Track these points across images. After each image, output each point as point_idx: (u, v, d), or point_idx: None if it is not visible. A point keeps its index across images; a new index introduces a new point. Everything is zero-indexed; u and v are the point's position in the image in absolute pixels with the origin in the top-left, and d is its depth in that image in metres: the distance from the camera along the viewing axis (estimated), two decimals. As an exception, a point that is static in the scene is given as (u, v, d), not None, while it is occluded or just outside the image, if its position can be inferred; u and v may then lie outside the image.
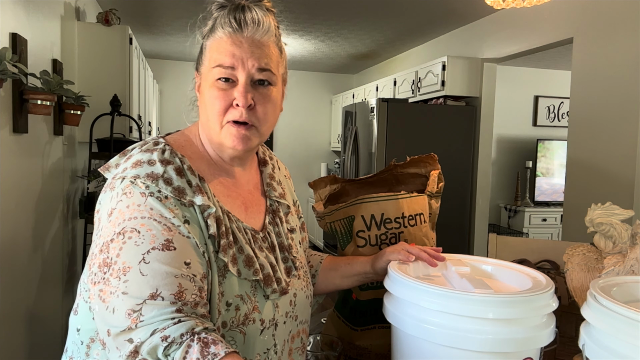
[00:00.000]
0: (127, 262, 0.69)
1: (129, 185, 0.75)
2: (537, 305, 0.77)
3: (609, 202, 1.03)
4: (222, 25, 0.82)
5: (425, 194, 1.21)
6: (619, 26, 2.70)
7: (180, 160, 0.80)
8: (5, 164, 1.91)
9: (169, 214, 0.74)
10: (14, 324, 2.04)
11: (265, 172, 0.97)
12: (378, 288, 1.14)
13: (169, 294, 0.68)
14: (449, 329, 0.75)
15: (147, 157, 0.78)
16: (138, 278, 0.68)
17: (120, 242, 0.71)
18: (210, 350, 0.64)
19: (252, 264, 0.81)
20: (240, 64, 0.81)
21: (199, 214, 0.78)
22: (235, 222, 0.83)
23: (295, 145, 6.79)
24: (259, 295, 0.81)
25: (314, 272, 1.07)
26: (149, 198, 0.74)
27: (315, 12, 3.93)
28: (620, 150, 2.68)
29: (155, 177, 0.76)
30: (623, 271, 0.96)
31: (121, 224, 0.72)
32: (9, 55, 1.70)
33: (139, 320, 0.66)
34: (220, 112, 0.81)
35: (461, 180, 3.95)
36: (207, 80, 0.83)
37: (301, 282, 0.93)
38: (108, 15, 3.04)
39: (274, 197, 0.95)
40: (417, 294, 0.80)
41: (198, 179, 0.80)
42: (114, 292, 0.69)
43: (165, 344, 0.65)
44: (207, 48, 0.85)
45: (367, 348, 1.13)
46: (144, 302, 0.67)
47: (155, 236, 0.71)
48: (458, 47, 4.27)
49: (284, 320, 0.86)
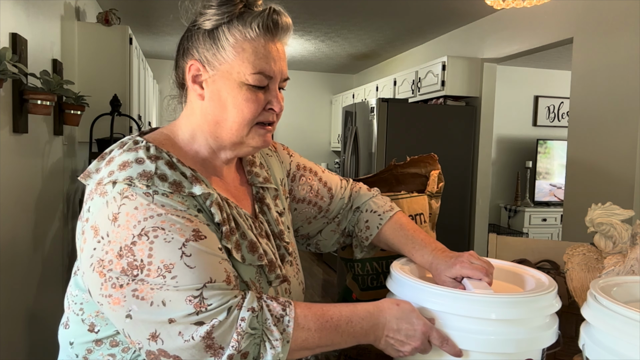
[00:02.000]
0: (166, 259, 0.69)
1: (126, 188, 0.72)
2: (540, 305, 0.77)
3: (609, 202, 1.03)
4: (258, 25, 0.79)
5: (425, 194, 1.21)
6: (619, 26, 2.70)
7: (168, 155, 0.78)
8: (5, 164, 1.91)
9: (181, 206, 0.73)
10: (14, 324, 2.04)
11: (245, 160, 0.95)
12: (378, 288, 1.14)
13: (222, 280, 0.71)
14: (451, 329, 0.75)
15: (133, 157, 0.75)
16: (187, 271, 0.69)
17: (146, 243, 0.69)
18: (281, 300, 0.74)
19: (256, 250, 0.81)
20: (278, 73, 0.82)
21: (203, 204, 0.77)
22: (235, 207, 0.83)
23: (295, 145, 6.79)
24: (263, 282, 0.82)
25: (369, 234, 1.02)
26: (155, 196, 0.72)
27: (315, 12, 3.93)
28: (620, 150, 2.68)
29: (149, 176, 0.73)
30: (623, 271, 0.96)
31: (137, 225, 0.69)
32: (9, 55, 1.70)
33: (206, 305, 0.68)
34: (255, 115, 0.81)
35: (461, 180, 3.95)
36: (234, 79, 0.79)
37: (293, 269, 0.93)
38: (108, 15, 3.04)
39: (258, 183, 0.93)
40: (418, 294, 0.80)
41: (191, 170, 0.78)
42: (160, 287, 0.68)
43: (256, 313, 0.70)
44: (230, 43, 0.78)
45: (367, 348, 1.13)
46: (204, 286, 0.69)
47: (182, 229, 0.71)
48: (458, 47, 4.27)
49: None
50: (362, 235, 1.04)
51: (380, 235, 1.02)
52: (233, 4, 0.79)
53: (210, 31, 0.80)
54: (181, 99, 0.87)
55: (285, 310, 0.72)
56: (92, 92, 2.81)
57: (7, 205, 1.94)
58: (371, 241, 1.04)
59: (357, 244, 1.06)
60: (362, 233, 1.04)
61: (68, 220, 2.90)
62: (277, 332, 0.70)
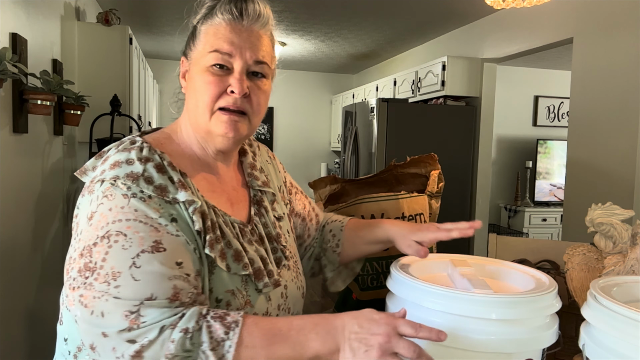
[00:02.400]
0: (116, 266, 0.67)
1: (109, 187, 0.72)
2: (540, 305, 0.77)
3: (609, 202, 1.03)
4: (222, 11, 0.81)
5: (425, 194, 1.21)
6: (619, 26, 2.70)
7: (160, 157, 0.78)
8: (5, 164, 1.91)
9: (154, 214, 0.72)
10: (14, 324, 2.04)
11: (246, 163, 0.95)
12: (378, 288, 1.14)
13: (165, 298, 0.68)
14: (451, 329, 0.75)
15: (125, 157, 0.75)
16: (131, 283, 0.67)
17: (105, 246, 0.68)
18: (228, 320, 0.67)
19: (241, 259, 0.80)
20: (238, 52, 0.80)
21: (184, 210, 0.75)
22: (222, 216, 0.82)
23: (295, 145, 6.79)
24: (250, 289, 0.80)
25: (337, 241, 1.04)
26: (132, 199, 0.72)
27: (315, 12, 3.93)
28: (620, 150, 2.68)
29: (135, 177, 0.73)
30: (623, 271, 0.96)
31: (104, 227, 0.70)
32: (9, 55, 1.70)
33: (141, 322, 0.66)
34: (213, 98, 0.80)
35: (461, 180, 3.95)
36: (199, 64, 0.81)
37: (291, 273, 0.91)
38: (108, 15, 3.04)
39: (256, 186, 0.92)
40: (419, 294, 0.80)
41: (180, 175, 0.78)
42: (101, 296, 0.67)
43: (189, 335, 0.66)
44: (201, 32, 0.83)
45: (367, 348, 1.13)
46: (141, 304, 0.66)
47: (143, 238, 0.69)
48: (458, 47, 4.27)
49: (277, 313, 0.85)
50: (331, 245, 1.05)
51: (345, 234, 1.04)
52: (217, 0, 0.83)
53: (194, 26, 0.85)
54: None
55: (228, 334, 0.66)
56: (92, 92, 2.81)
57: (7, 205, 1.94)
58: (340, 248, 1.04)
59: (327, 262, 1.06)
60: (330, 243, 1.05)
61: (68, 220, 2.90)
62: (214, 357, 0.65)
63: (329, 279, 1.07)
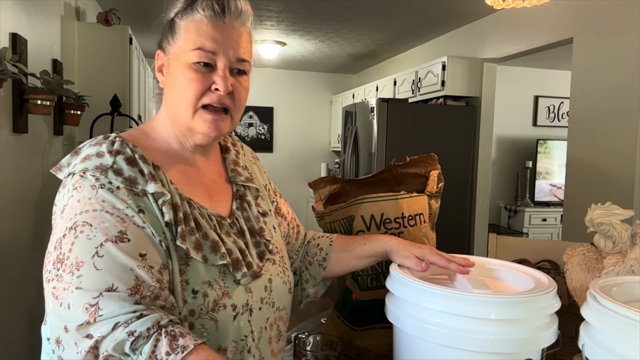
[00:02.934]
0: (79, 256, 0.68)
1: (78, 179, 0.74)
2: (540, 305, 0.77)
3: (609, 202, 1.03)
4: (203, 7, 0.80)
5: (425, 194, 1.20)
6: (619, 26, 2.70)
7: (132, 150, 0.78)
8: (5, 164, 1.91)
9: (121, 204, 0.72)
10: (14, 324, 2.04)
11: (229, 159, 0.96)
12: (378, 288, 1.14)
13: (125, 289, 0.67)
14: (451, 330, 0.75)
15: (95, 150, 0.76)
16: (92, 272, 0.67)
17: (72, 237, 0.69)
18: (179, 343, 0.64)
19: (218, 249, 0.79)
20: (221, 50, 0.80)
21: (153, 203, 0.75)
22: (198, 208, 0.81)
23: (295, 145, 6.79)
24: (228, 281, 0.80)
25: (324, 255, 1.04)
26: (100, 190, 0.72)
27: (315, 12, 3.93)
28: (620, 150, 2.68)
29: (104, 169, 0.74)
30: (623, 271, 0.96)
31: (72, 218, 0.71)
32: (9, 55, 1.70)
33: (98, 315, 0.65)
34: (197, 96, 0.80)
35: (461, 180, 3.95)
36: (180, 60, 0.81)
37: (277, 268, 0.90)
38: (108, 15, 3.04)
39: (239, 182, 0.93)
40: (419, 295, 0.80)
41: (152, 167, 0.78)
42: (67, 287, 0.67)
43: (132, 338, 0.64)
44: (181, 27, 0.82)
45: (367, 348, 1.13)
46: (101, 295, 0.66)
47: (108, 228, 0.70)
48: (458, 47, 4.27)
49: (259, 306, 0.84)
50: (317, 259, 1.05)
51: (334, 249, 1.04)
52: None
53: (171, 20, 0.83)
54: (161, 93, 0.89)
55: (169, 356, 0.63)
56: (92, 92, 2.81)
57: (7, 205, 1.94)
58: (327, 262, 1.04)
59: (309, 277, 1.06)
60: (316, 257, 1.05)
61: (68, 220, 2.90)
62: None
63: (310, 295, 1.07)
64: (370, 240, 1.01)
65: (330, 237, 1.08)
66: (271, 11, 3.89)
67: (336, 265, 1.04)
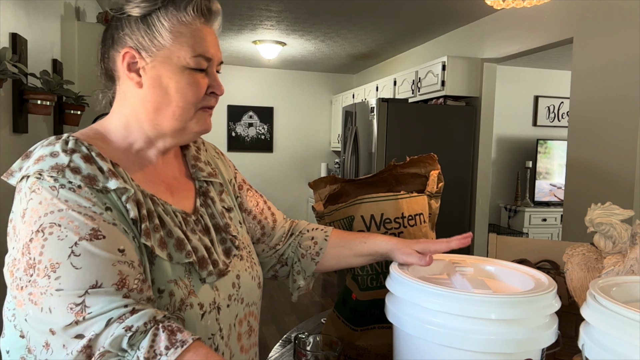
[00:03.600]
0: (53, 258, 0.65)
1: (35, 181, 0.70)
2: (540, 305, 0.77)
3: (609, 202, 1.03)
4: (194, 10, 0.79)
5: (425, 194, 1.21)
6: (619, 26, 2.70)
7: (88, 148, 0.74)
8: (5, 164, 1.91)
9: (87, 202, 0.69)
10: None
11: (189, 155, 0.94)
12: (378, 288, 1.14)
13: (110, 284, 0.65)
14: (451, 330, 0.75)
15: (49, 150, 0.72)
16: (72, 272, 0.64)
17: (41, 240, 0.66)
18: (177, 337, 0.64)
19: (184, 247, 0.78)
20: (215, 57, 0.83)
21: (118, 200, 0.73)
22: (162, 205, 0.80)
23: (295, 145, 6.79)
24: (194, 279, 0.78)
25: (318, 249, 1.02)
26: (61, 190, 0.69)
27: (315, 12, 3.93)
28: (620, 150, 2.68)
29: (60, 169, 0.70)
30: (623, 271, 0.96)
31: (37, 221, 0.67)
32: (9, 55, 1.70)
33: (86, 313, 0.63)
34: (199, 100, 0.81)
35: (461, 180, 3.95)
36: (173, 64, 0.78)
37: (245, 263, 0.89)
38: (108, 15, 3.04)
39: (202, 177, 0.91)
40: (419, 295, 0.80)
41: (110, 164, 0.75)
42: (45, 291, 0.64)
43: (129, 334, 0.63)
44: (166, 28, 0.78)
45: (367, 348, 1.13)
46: (86, 293, 0.64)
47: (79, 227, 0.67)
48: (458, 47, 4.27)
49: (227, 303, 0.83)
50: (310, 253, 1.03)
51: (329, 244, 1.03)
52: None
53: (143, 17, 0.79)
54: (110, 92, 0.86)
55: (168, 350, 0.62)
56: (92, 92, 2.81)
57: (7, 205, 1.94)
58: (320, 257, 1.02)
59: (301, 269, 1.04)
60: (309, 250, 1.03)
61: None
62: None
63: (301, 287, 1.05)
64: (370, 239, 1.00)
65: (325, 230, 1.06)
66: (271, 11, 3.89)
67: (332, 260, 1.03)
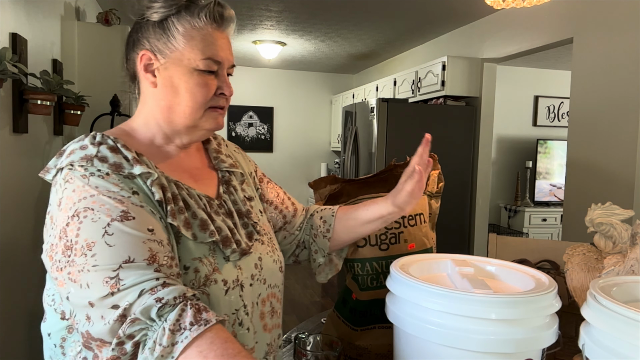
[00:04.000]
0: (89, 238, 0.70)
1: (67, 172, 0.77)
2: (540, 305, 0.77)
3: (609, 202, 1.03)
4: (206, 16, 0.84)
5: (425, 194, 1.21)
6: (619, 26, 2.70)
7: (113, 141, 0.81)
8: (5, 164, 1.91)
9: (115, 188, 0.75)
10: (14, 324, 2.04)
11: (211, 148, 0.99)
12: (378, 288, 1.14)
13: (142, 259, 0.70)
14: (451, 329, 0.75)
15: (78, 145, 0.80)
16: (106, 249, 0.69)
17: (76, 223, 0.72)
18: (202, 316, 0.67)
19: (207, 227, 0.83)
20: (226, 60, 0.87)
21: (143, 184, 0.79)
22: (186, 189, 0.85)
23: (295, 145, 6.79)
24: (218, 257, 0.83)
25: (328, 226, 1.06)
26: (91, 177, 0.76)
27: (315, 12, 3.93)
28: (620, 151, 2.68)
29: (89, 158, 0.77)
30: (623, 271, 0.96)
31: (72, 207, 0.73)
32: (9, 55, 1.70)
33: (120, 285, 0.68)
34: (208, 100, 0.86)
35: (461, 180, 3.95)
36: (184, 66, 0.84)
37: (266, 247, 0.94)
38: (108, 15, 3.04)
39: (224, 167, 0.97)
40: (419, 294, 0.80)
41: (135, 154, 0.81)
42: (82, 269, 0.69)
43: (159, 304, 0.66)
44: (179, 32, 0.84)
45: (367, 348, 1.13)
46: (120, 267, 0.68)
47: (110, 210, 0.72)
48: (458, 47, 4.27)
49: (250, 282, 0.87)
50: (321, 231, 1.07)
51: (337, 219, 1.06)
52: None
53: (160, 22, 0.85)
54: (134, 91, 0.93)
55: (192, 326, 0.65)
56: (92, 92, 2.81)
57: (7, 205, 1.94)
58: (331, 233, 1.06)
59: (317, 248, 1.08)
60: (320, 229, 1.08)
61: (68, 220, 2.90)
62: (167, 340, 0.65)
63: (321, 264, 1.09)
64: (371, 204, 1.04)
65: (332, 208, 1.10)
66: (271, 11, 3.89)
67: (342, 234, 1.06)
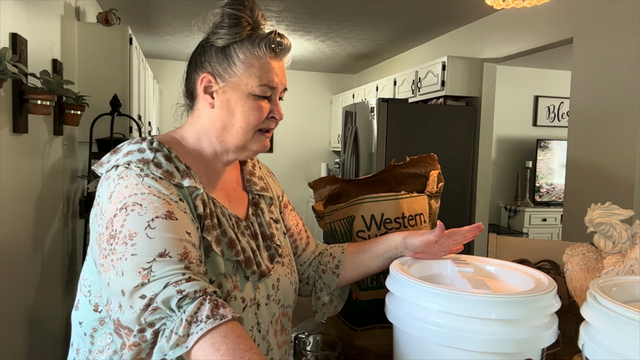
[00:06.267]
0: (132, 229, 0.75)
1: (124, 170, 0.82)
2: (540, 305, 0.77)
3: (609, 202, 1.03)
4: (267, 46, 0.90)
5: (425, 194, 1.21)
6: (619, 26, 2.70)
7: (168, 150, 0.87)
8: (5, 164, 1.91)
9: (166, 191, 0.81)
10: (14, 324, 2.04)
11: (246, 170, 1.04)
12: (378, 288, 1.14)
13: (176, 254, 0.74)
14: (451, 329, 0.75)
15: (137, 147, 0.85)
16: (146, 241, 0.74)
17: (123, 215, 0.76)
18: (219, 311, 0.69)
19: (234, 246, 0.87)
20: (280, 84, 0.93)
21: (188, 195, 0.85)
22: (220, 207, 0.90)
23: (295, 145, 6.79)
24: (239, 276, 0.88)
25: (337, 262, 1.07)
26: (145, 178, 0.81)
27: (315, 12, 3.93)
28: (620, 150, 2.68)
29: (146, 162, 0.83)
30: (623, 271, 0.96)
31: (122, 200, 0.78)
32: (9, 55, 1.70)
33: (151, 276, 0.71)
34: (259, 122, 0.91)
35: (461, 180, 3.95)
36: (241, 90, 0.90)
37: (285, 269, 0.98)
38: (108, 15, 3.04)
39: (255, 191, 1.01)
40: (419, 294, 0.80)
41: (185, 167, 0.87)
42: (122, 257, 0.73)
43: (179, 296, 0.69)
44: (240, 59, 0.89)
45: (367, 348, 1.13)
46: (154, 260, 0.72)
47: (157, 208, 0.77)
48: (458, 47, 4.27)
49: (266, 302, 0.91)
50: (330, 267, 1.08)
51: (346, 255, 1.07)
52: (242, 27, 0.90)
53: (223, 48, 0.90)
54: (189, 107, 0.97)
55: (208, 320, 0.67)
56: (92, 92, 2.81)
57: (7, 205, 1.94)
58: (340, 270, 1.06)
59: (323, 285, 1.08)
60: (329, 265, 1.08)
61: (68, 220, 2.90)
62: (183, 330, 0.67)
63: (325, 303, 1.09)
64: (382, 238, 1.05)
65: (342, 245, 1.11)
66: (271, 11, 3.89)
67: (351, 269, 1.07)
